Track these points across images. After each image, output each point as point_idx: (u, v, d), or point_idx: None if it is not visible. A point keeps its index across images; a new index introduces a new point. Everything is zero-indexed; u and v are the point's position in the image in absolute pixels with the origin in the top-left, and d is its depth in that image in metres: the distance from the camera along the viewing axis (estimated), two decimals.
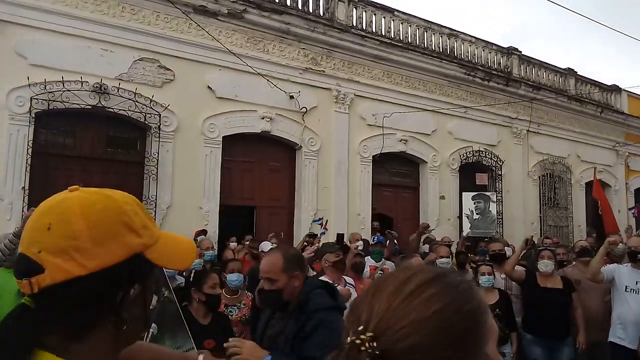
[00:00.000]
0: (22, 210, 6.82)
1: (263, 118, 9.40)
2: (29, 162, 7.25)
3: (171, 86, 8.54)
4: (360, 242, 8.06)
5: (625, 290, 4.74)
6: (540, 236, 11.88)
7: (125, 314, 0.85)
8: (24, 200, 7.11)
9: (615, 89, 16.45)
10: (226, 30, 9.07)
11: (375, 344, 0.62)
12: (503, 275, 5.70)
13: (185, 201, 8.49)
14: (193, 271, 4.04)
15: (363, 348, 0.62)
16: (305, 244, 8.23)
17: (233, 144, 9.25)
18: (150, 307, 0.94)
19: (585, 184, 14.83)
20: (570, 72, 15.09)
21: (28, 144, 7.27)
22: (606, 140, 15.97)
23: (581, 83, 15.47)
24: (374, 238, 8.51)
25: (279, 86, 9.44)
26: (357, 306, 0.71)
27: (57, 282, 0.79)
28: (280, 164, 10.05)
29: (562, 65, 15.18)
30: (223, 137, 9.04)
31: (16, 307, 0.82)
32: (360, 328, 0.65)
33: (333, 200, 10.11)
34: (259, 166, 9.76)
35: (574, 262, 5.88)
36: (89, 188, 0.89)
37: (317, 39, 10.00)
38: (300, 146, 9.90)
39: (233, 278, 4.71)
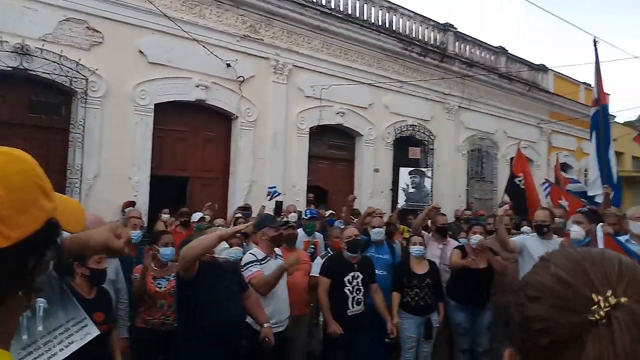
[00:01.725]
0: None
1: (198, 86, 9.11)
2: None
3: (100, 49, 8.06)
4: (294, 214, 8.11)
5: None
6: (467, 209, 12.44)
7: (36, 282, 0.81)
8: None
9: (543, 69, 17.19)
10: None
11: None
12: (440, 246, 6.09)
13: (114, 171, 8.15)
14: None
15: None
16: (239, 216, 8.21)
17: (166, 112, 8.91)
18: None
19: (510, 158, 15.54)
20: (501, 51, 15.58)
21: None
22: (532, 118, 16.74)
23: (511, 61, 16.03)
24: (306, 212, 8.54)
25: (216, 53, 9.13)
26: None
27: None
28: (215, 134, 9.83)
29: (494, 43, 15.64)
30: (155, 105, 8.68)
31: None
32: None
33: (269, 171, 10.05)
34: (192, 136, 9.50)
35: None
36: None
37: (256, 5, 9.71)
38: (237, 116, 9.71)
39: (167, 252, 4.65)
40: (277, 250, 4.85)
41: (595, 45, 7.79)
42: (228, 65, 9.36)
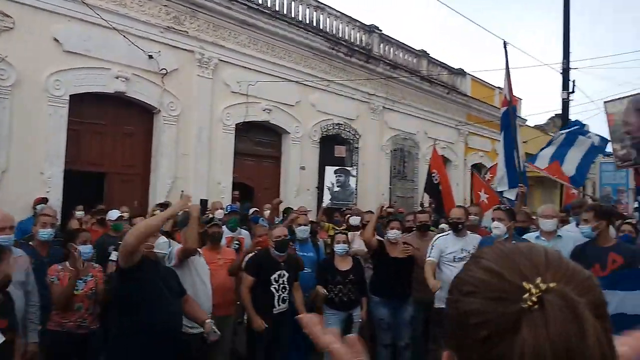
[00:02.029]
0: None
1: (118, 77, 8.71)
2: None
3: (10, 35, 7.51)
4: (221, 211, 7.99)
5: (455, 260, 5.23)
6: (390, 206, 12.76)
7: None
8: None
9: (461, 73, 17.97)
10: None
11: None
12: None
13: (24, 165, 7.65)
14: None
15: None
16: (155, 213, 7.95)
17: (82, 104, 8.46)
18: None
19: (429, 158, 16.11)
20: (423, 54, 16.13)
21: None
22: (450, 120, 17.46)
23: (432, 65, 16.64)
24: (227, 207, 8.43)
25: (137, 44, 8.78)
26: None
27: None
28: (136, 127, 9.45)
29: (417, 46, 16.15)
30: (70, 96, 8.21)
31: None
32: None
33: (193, 168, 9.81)
34: (111, 129, 9.07)
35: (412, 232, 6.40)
36: None
37: None
38: (159, 110, 9.39)
39: (86, 250, 4.44)
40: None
41: (505, 47, 8.20)
42: (150, 56, 9.03)
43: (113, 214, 6.70)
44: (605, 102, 6.01)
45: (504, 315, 0.63)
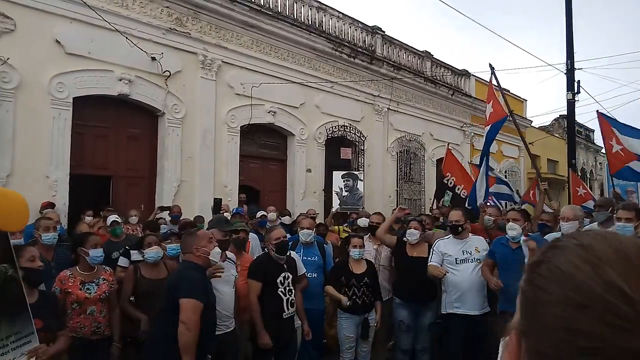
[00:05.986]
0: None
1: (121, 80, 8.60)
2: None
3: (11, 37, 7.41)
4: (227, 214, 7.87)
5: (457, 263, 5.10)
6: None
7: None
8: None
9: (465, 74, 17.86)
10: None
11: None
12: (375, 247, 6.01)
13: (29, 169, 7.52)
14: None
15: None
16: (161, 217, 7.89)
17: (86, 106, 8.35)
18: None
19: (437, 160, 15.98)
20: (427, 55, 16.03)
21: None
22: (455, 121, 17.33)
23: (436, 66, 16.54)
24: (233, 210, 8.30)
25: (140, 46, 8.67)
26: None
27: None
28: (140, 130, 9.32)
29: (420, 47, 16.05)
30: (74, 99, 8.10)
31: None
32: None
33: (198, 170, 9.67)
34: (115, 132, 8.95)
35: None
36: None
37: None
38: (163, 112, 9.27)
39: (97, 254, 4.27)
40: (230, 254, 4.74)
41: (492, 70, 8.16)
42: (153, 58, 8.92)
43: (108, 219, 6.47)
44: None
45: (624, 352, 0.49)
